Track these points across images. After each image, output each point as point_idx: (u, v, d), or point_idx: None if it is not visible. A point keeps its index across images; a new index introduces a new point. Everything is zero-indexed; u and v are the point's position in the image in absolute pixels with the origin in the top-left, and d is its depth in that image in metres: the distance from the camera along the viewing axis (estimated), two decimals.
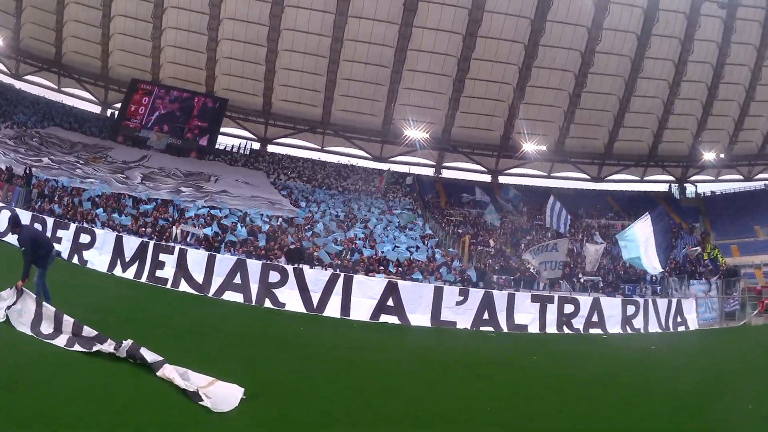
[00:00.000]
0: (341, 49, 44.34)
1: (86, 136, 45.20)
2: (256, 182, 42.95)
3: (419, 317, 19.71)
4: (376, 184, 47.01)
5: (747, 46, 45.89)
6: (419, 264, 28.65)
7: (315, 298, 19.28)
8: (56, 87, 51.48)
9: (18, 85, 49.71)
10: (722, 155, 51.48)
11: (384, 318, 19.36)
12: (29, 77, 50.53)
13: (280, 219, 33.75)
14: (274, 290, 19.25)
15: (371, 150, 51.91)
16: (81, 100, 52.53)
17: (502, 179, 53.48)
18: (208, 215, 31.45)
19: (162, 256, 19.85)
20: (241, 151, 50.01)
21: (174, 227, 27.75)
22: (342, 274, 20.60)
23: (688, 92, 48.68)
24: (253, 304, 18.94)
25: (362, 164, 52.01)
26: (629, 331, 22.78)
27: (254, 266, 19.72)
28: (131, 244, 20.51)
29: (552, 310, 21.30)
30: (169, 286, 19.31)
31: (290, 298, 19.18)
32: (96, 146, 43.42)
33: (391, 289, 19.82)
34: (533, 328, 20.79)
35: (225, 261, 20.12)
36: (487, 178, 53.67)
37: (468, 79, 45.83)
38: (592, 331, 21.83)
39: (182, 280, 19.37)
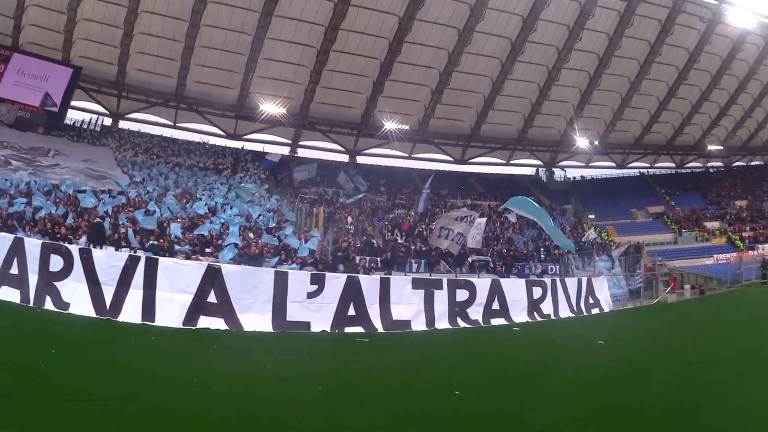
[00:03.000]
0: (204, 11, 35.71)
1: None
2: (98, 158, 34.36)
3: (255, 318, 12.55)
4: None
5: (641, 41, 42.30)
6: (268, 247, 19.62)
7: (108, 294, 12.07)
8: None
9: None
10: (596, 143, 48.58)
11: (204, 322, 12.09)
12: None
13: (105, 194, 24.88)
14: (56, 283, 12.16)
15: (225, 126, 43.55)
16: None
17: (361, 159, 47.65)
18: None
19: None
20: (92, 126, 40.40)
21: None
22: (142, 256, 13.04)
23: (568, 79, 44.07)
24: (31, 304, 12.01)
25: (215, 142, 44.12)
26: (538, 318, 16.67)
27: (33, 248, 12.52)
28: None
29: (441, 298, 14.47)
30: None
31: (77, 296, 12.09)
32: None
33: (213, 278, 12.37)
34: (418, 324, 13.92)
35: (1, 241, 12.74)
36: (345, 157, 47.37)
37: (333, 51, 38.42)
38: (495, 321, 15.39)
39: None
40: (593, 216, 46.53)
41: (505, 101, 44.78)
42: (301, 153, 46.44)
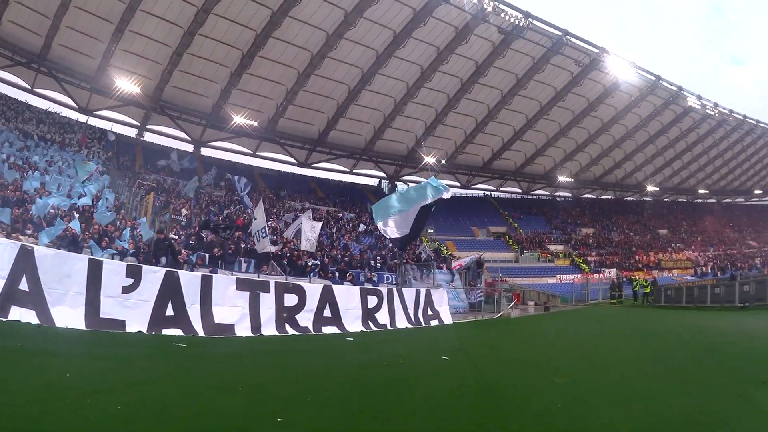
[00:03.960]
0: None
1: None
2: None
3: (67, 312, 10.59)
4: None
5: (508, 73, 43.37)
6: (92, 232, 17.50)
7: None
8: None
9: None
10: (443, 161, 49.90)
11: (16, 313, 10.01)
12: None
13: None
14: None
15: (78, 98, 39.86)
16: None
17: (204, 151, 46.02)
18: None
19: None
20: None
21: None
22: None
23: (426, 98, 44.60)
24: None
25: (67, 113, 40.49)
26: (373, 327, 15.88)
27: None
28: None
29: (268, 302, 13.29)
30: None
31: None
32: None
33: (26, 261, 10.38)
34: (243, 330, 12.59)
35: None
36: (190, 147, 45.38)
37: (200, 34, 36.06)
38: (326, 329, 14.39)
39: None
40: (432, 230, 47.20)
41: (358, 111, 44.60)
42: (148, 137, 43.92)
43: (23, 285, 10.28)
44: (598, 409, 6.98)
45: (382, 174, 53.40)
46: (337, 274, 23.80)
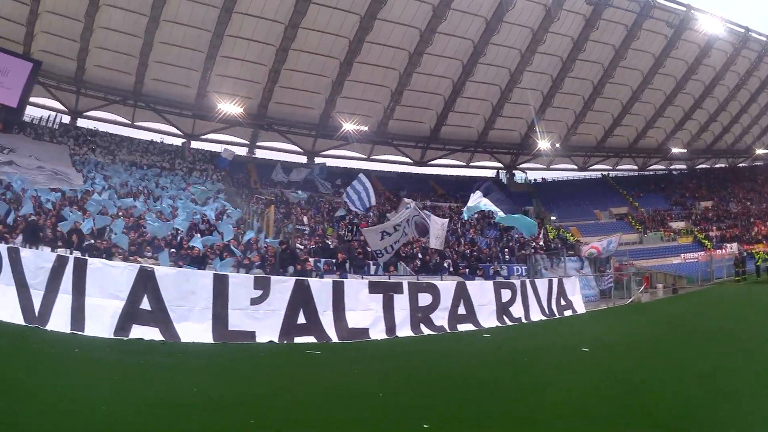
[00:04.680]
0: (164, 6, 33.61)
1: None
2: (54, 157, 31.99)
3: (193, 327, 10.66)
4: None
5: (606, 45, 41.28)
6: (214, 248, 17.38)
7: (36, 299, 10.21)
8: None
9: None
10: (557, 145, 47.63)
11: (138, 332, 10.20)
12: None
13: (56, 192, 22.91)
14: None
15: (183, 126, 41.40)
16: None
17: (318, 160, 45.39)
18: None
19: None
20: (50, 124, 37.99)
21: None
22: (70, 257, 11.12)
23: (530, 82, 42.83)
24: None
25: (172, 141, 41.93)
26: (508, 322, 15.02)
27: None
28: None
29: (401, 303, 12.75)
30: None
31: (5, 300, 10.22)
32: None
33: (146, 282, 10.54)
34: (378, 333, 12.15)
35: None
36: (303, 159, 45.46)
37: (293, 49, 36.58)
38: (462, 327, 13.71)
39: None
40: (555, 217, 45.51)
41: (466, 103, 43.44)
42: (259, 154, 44.71)
43: (145, 304, 10.43)
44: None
45: (499, 164, 51.99)
46: (467, 269, 23.08)
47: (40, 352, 8.49)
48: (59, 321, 10.05)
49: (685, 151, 53.05)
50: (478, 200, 20.72)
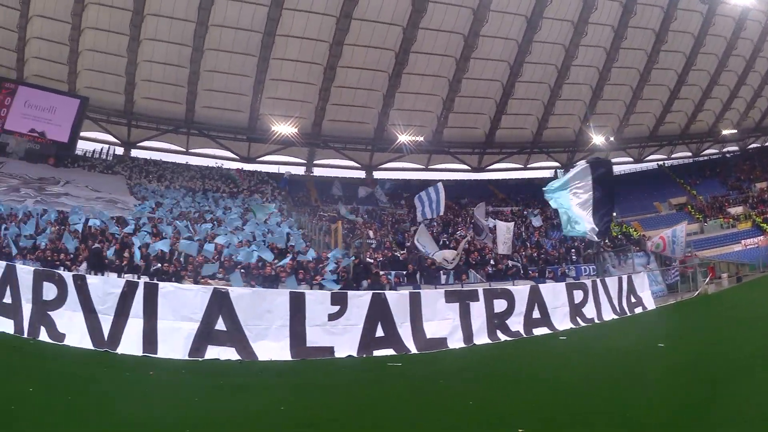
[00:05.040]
0: (206, 35, 34.75)
1: None
2: (110, 186, 33.31)
3: (271, 346, 10.83)
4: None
5: (645, 30, 40.53)
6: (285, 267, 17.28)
7: (105, 323, 10.52)
8: None
9: None
10: (611, 139, 46.44)
11: (213, 352, 10.46)
12: None
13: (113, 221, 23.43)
14: (50, 313, 10.72)
15: (238, 150, 42.49)
16: None
17: (377, 174, 45.88)
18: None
19: None
20: (104, 156, 39.40)
21: None
22: (141, 282, 11.49)
23: (578, 77, 42.37)
24: (25, 335, 10.62)
25: (229, 166, 42.83)
26: (581, 323, 14.81)
27: (25, 275, 11.07)
28: None
29: (477, 310, 12.70)
30: None
31: (72, 326, 10.62)
32: None
33: (221, 303, 10.77)
34: (455, 342, 12.11)
35: None
36: (362, 173, 45.81)
37: (340, 67, 37.19)
38: (537, 331, 13.58)
39: None
40: (616, 213, 44.35)
41: (518, 104, 43.12)
42: (317, 172, 45.05)
43: (220, 325, 10.69)
44: None
45: (556, 164, 50.79)
46: (536, 273, 22.83)
47: (116, 376, 8.87)
48: (130, 344, 10.39)
49: (736, 131, 51.34)
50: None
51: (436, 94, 40.78)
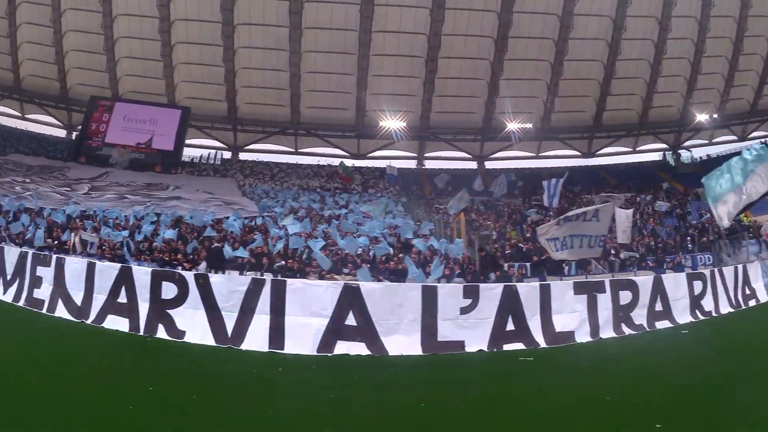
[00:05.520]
0: (301, 38, 36.02)
1: (49, 160, 38.32)
2: (222, 190, 35.17)
3: (401, 340, 10.81)
4: (344, 181, 39.51)
5: None
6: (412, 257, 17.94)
7: (229, 321, 10.78)
8: (20, 114, 43.89)
9: None
10: (715, 115, 44.76)
11: (342, 347, 10.58)
12: None
13: (235, 220, 24.72)
14: (169, 311, 11.06)
15: (348, 147, 43.76)
16: (46, 125, 45.02)
17: (488, 164, 45.74)
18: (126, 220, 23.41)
19: (40, 270, 13.02)
20: (212, 161, 41.58)
21: (72, 235, 19.09)
22: (268, 279, 11.80)
23: (674, 51, 41.14)
24: (141, 333, 11.01)
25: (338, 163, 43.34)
26: (700, 316, 14.20)
27: (142, 276, 11.49)
28: (11, 257, 13.97)
29: (604, 303, 12.38)
30: (45, 310, 12.39)
31: (193, 324, 10.91)
32: (53, 167, 36.38)
33: (351, 298, 10.89)
34: (582, 335, 11.94)
35: (106, 271, 11.93)
36: (473, 164, 45.74)
37: (441, 58, 37.73)
38: (659, 325, 13.14)
39: (59, 301, 12.31)
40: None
41: (621, 84, 42.19)
42: (429, 165, 45.50)
43: (350, 320, 10.73)
44: None
45: (664, 145, 49.27)
46: (655, 263, 22.27)
47: (244, 372, 9.12)
48: (255, 340, 10.61)
49: None
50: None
51: (540, 78, 40.58)
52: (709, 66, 42.83)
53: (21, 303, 12.99)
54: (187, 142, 40.71)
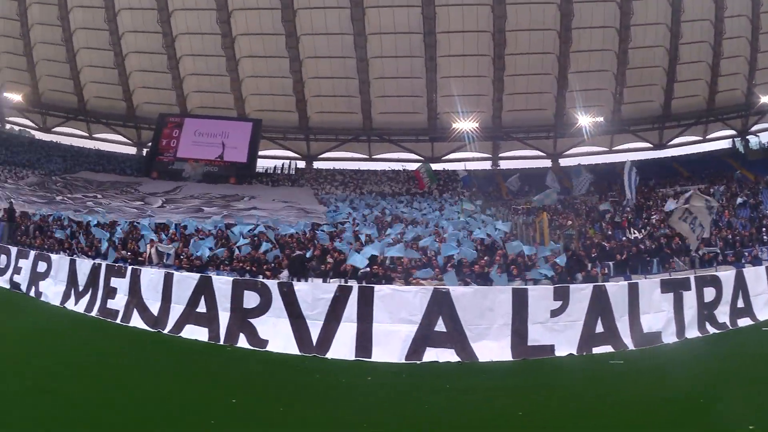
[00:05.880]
0: (366, 44, 36.49)
1: (120, 176, 40.11)
2: (298, 198, 35.87)
3: (491, 346, 10.69)
4: (419, 184, 39.61)
5: None
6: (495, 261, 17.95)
7: (314, 329, 10.94)
8: (87, 134, 46.60)
9: (51, 137, 44.79)
10: None
11: (431, 354, 10.52)
12: (59, 128, 45.56)
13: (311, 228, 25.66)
14: (251, 320, 11.34)
15: (422, 151, 44.22)
16: (114, 143, 47.68)
17: (563, 162, 45.29)
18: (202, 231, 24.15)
19: (114, 281, 13.38)
20: (286, 171, 42.71)
21: (148, 247, 20.07)
22: (354, 286, 11.71)
23: (732, 30, 39.92)
24: (221, 342, 11.34)
25: (414, 167, 43.58)
26: None
27: (223, 285, 11.86)
28: (84, 268, 14.31)
29: (689, 300, 12.08)
30: (119, 320, 12.84)
31: (276, 332, 11.12)
32: (124, 183, 37.97)
33: (441, 303, 10.85)
34: (669, 336, 11.73)
35: (184, 281, 12.42)
36: (547, 162, 45.31)
37: (507, 54, 37.77)
38: (741, 322, 12.85)
39: (135, 311, 12.73)
40: None
41: (685, 70, 41.26)
42: (503, 165, 45.39)
43: (439, 326, 10.63)
44: None
45: (732, 132, 47.52)
46: (734, 257, 21.51)
47: (332, 381, 9.16)
48: (341, 349, 10.60)
49: None
50: None
51: (607, 69, 40.06)
52: (767, 43, 41.29)
53: (94, 313, 13.38)
54: (261, 153, 41.98)
